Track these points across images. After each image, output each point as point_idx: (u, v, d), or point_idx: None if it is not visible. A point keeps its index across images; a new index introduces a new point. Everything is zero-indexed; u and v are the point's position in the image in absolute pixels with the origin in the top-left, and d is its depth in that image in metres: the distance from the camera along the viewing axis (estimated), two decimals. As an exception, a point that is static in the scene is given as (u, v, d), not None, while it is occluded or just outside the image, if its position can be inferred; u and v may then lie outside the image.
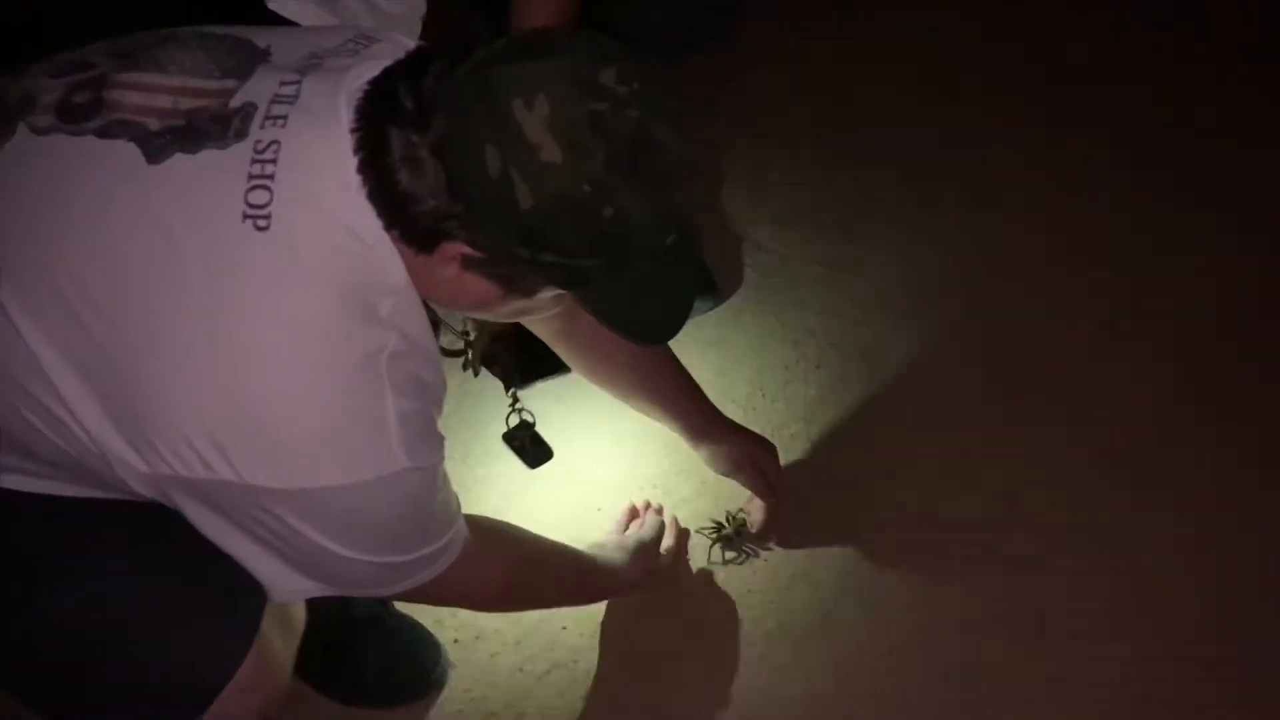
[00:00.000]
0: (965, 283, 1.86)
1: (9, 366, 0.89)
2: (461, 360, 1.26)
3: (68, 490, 0.99)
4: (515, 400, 1.52)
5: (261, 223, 0.87)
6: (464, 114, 0.85)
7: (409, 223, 0.89)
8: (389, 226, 0.89)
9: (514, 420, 1.56)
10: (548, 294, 0.96)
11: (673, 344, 1.76)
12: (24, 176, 0.92)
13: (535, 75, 0.85)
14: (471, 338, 1.25)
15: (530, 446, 1.50)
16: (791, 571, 1.50)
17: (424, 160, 0.86)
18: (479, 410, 1.67)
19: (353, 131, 0.88)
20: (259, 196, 0.87)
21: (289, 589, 0.99)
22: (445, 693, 1.41)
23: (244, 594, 0.99)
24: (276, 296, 0.87)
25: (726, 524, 1.54)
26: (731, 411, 1.69)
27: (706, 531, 1.54)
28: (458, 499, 1.05)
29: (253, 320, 0.87)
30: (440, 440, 0.98)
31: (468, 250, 0.89)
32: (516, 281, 0.94)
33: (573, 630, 1.45)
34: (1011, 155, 2.07)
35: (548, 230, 0.87)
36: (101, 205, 0.89)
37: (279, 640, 1.07)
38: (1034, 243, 1.91)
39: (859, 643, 1.42)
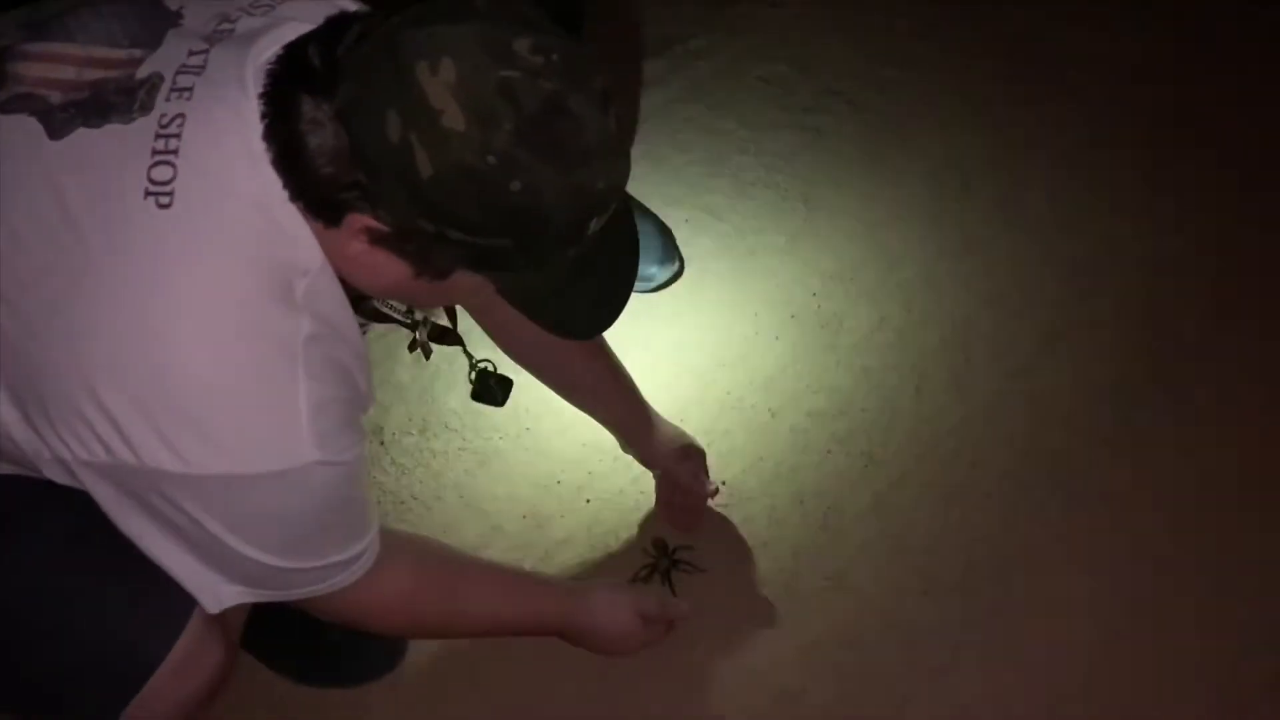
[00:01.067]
0: (927, 256, 1.85)
1: None
2: (409, 341, 1.22)
3: (3, 469, 0.97)
4: (472, 359, 1.47)
5: (164, 199, 0.84)
6: (369, 77, 0.81)
7: (313, 192, 0.85)
8: (294, 197, 0.85)
9: (473, 376, 1.50)
10: (464, 277, 0.90)
11: (631, 313, 1.77)
12: None
13: (444, 38, 0.80)
14: (419, 318, 1.21)
15: (497, 387, 1.45)
16: (751, 543, 1.50)
17: (327, 125, 0.82)
18: (435, 384, 1.65)
19: (260, 96, 0.85)
20: (162, 173, 0.84)
21: (210, 591, 0.95)
22: (407, 666, 1.39)
23: None
24: (181, 275, 0.84)
25: (655, 553, 1.50)
26: (690, 384, 1.69)
27: (642, 574, 1.48)
28: (377, 506, 1.02)
29: (157, 300, 0.83)
30: (360, 435, 0.94)
31: (372, 223, 0.84)
32: (426, 260, 0.88)
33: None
34: (976, 132, 2.07)
35: (450, 203, 0.82)
36: (1, 188, 0.86)
37: (215, 626, 1.05)
38: (996, 218, 1.91)
39: (822, 614, 1.42)
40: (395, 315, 1.14)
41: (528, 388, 1.67)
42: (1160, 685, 1.33)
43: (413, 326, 1.18)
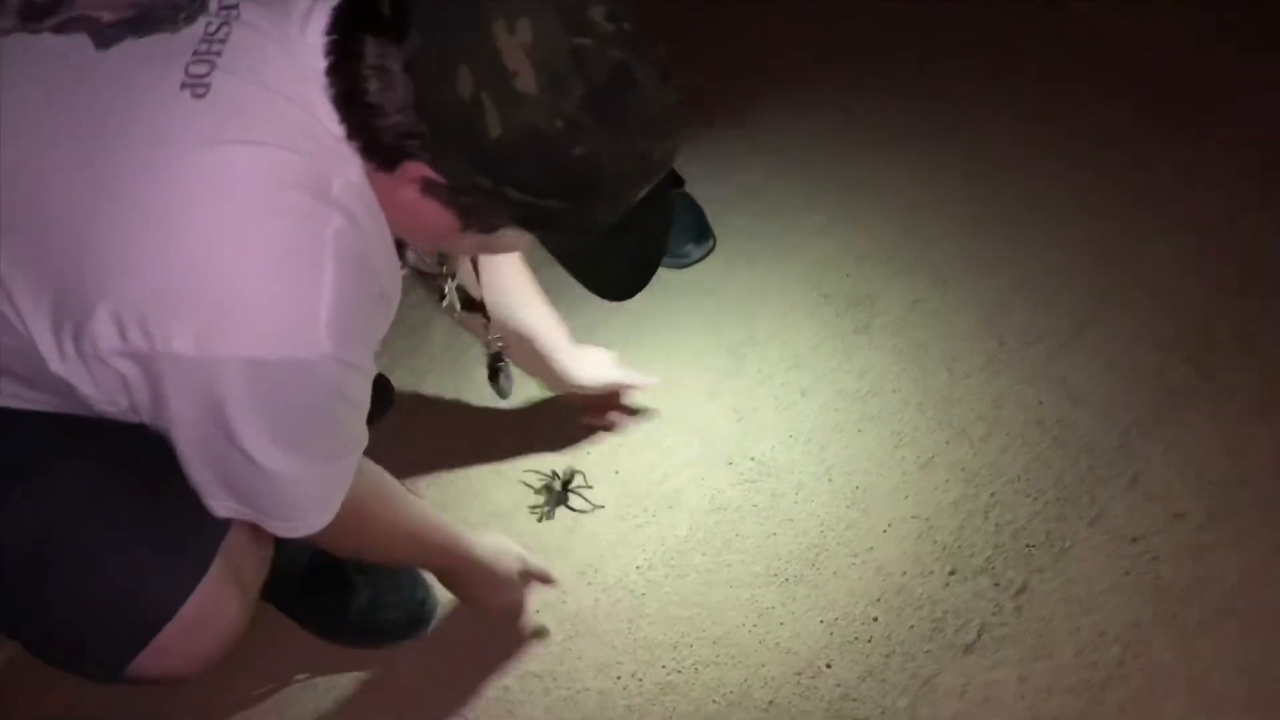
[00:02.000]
0: (962, 238, 1.84)
1: None
2: (439, 296, 1.21)
3: (34, 406, 0.98)
4: (490, 343, 1.46)
5: (199, 90, 0.85)
6: (443, 29, 0.81)
7: (373, 135, 0.85)
8: (352, 136, 0.86)
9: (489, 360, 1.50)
10: (509, 232, 0.92)
11: (665, 289, 1.78)
12: None
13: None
14: (450, 271, 1.21)
15: (505, 382, 1.45)
16: (779, 518, 1.50)
17: (395, 73, 0.82)
18: (466, 355, 1.65)
19: (327, 34, 0.86)
20: (200, 69, 0.85)
21: (211, 495, 0.95)
22: (434, 630, 1.40)
23: (198, 533, 0.98)
24: (210, 157, 0.84)
25: (554, 478, 1.53)
26: (722, 359, 1.69)
27: (541, 505, 1.52)
28: (361, 441, 1.01)
29: (182, 181, 0.84)
30: (373, 346, 0.94)
31: (429, 173, 0.86)
32: (476, 214, 0.90)
33: (560, 570, 1.44)
34: (1014, 115, 2.05)
35: (513, 163, 0.83)
36: (47, 98, 0.87)
37: (232, 585, 1.06)
38: (1033, 202, 1.90)
39: (848, 589, 1.42)
40: (427, 269, 1.14)
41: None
42: (1190, 676, 1.31)
43: (445, 278, 1.18)
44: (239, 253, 0.83)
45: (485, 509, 1.53)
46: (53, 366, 0.87)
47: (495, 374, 1.42)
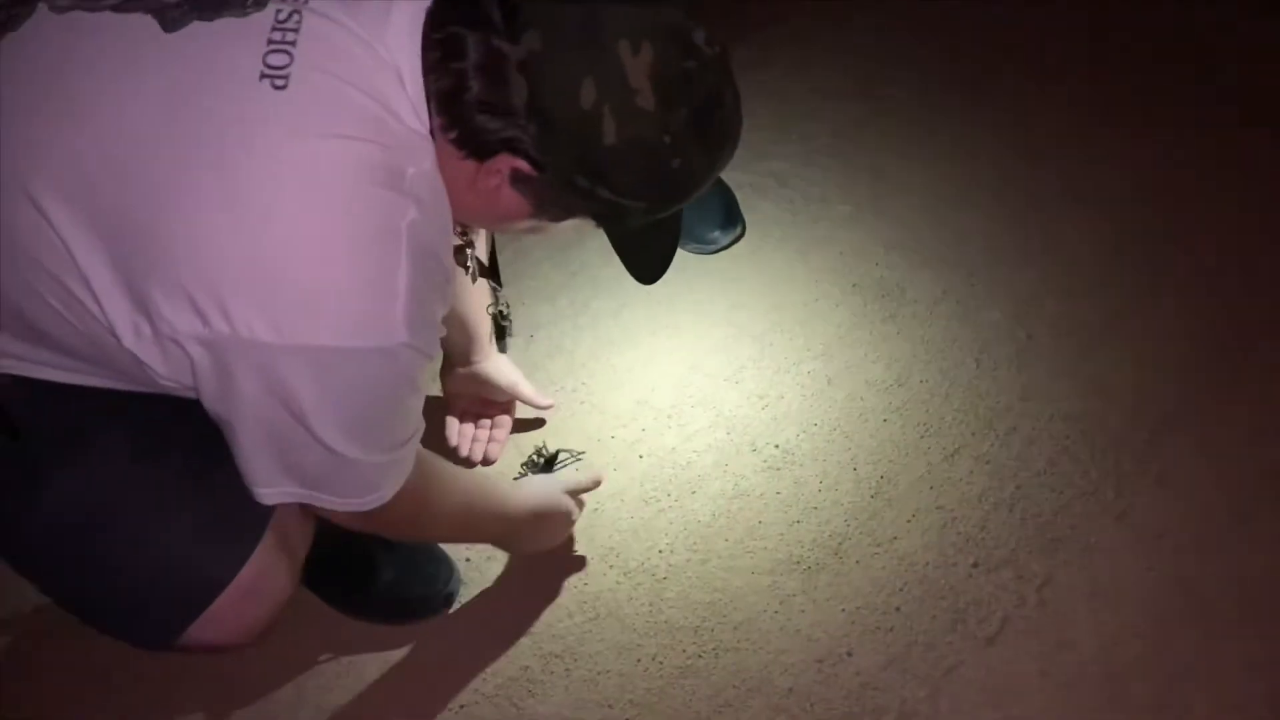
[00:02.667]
0: (993, 231, 1.83)
1: (29, 247, 0.88)
2: (463, 260, 1.21)
3: (94, 382, 0.99)
4: (496, 300, 1.49)
5: (279, 82, 0.86)
6: (565, 40, 0.86)
7: (474, 129, 0.89)
8: (449, 127, 0.89)
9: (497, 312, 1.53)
10: (573, 222, 0.98)
11: (692, 275, 1.78)
12: (42, 54, 0.90)
13: (643, 22, 0.87)
14: (471, 238, 1.22)
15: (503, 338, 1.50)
16: (802, 506, 1.50)
17: (508, 73, 0.86)
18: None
19: (428, 31, 0.89)
20: (278, 59, 0.87)
21: (265, 483, 0.96)
22: (456, 609, 1.41)
23: (251, 503, 0.99)
24: (292, 150, 0.86)
25: (538, 458, 1.54)
26: (746, 347, 1.69)
27: (522, 467, 1.55)
28: (421, 424, 1.02)
29: (266, 173, 0.85)
30: (438, 331, 0.96)
31: (524, 167, 0.90)
32: (555, 206, 0.95)
33: (583, 552, 1.45)
34: (1048, 108, 2.04)
35: (618, 169, 0.90)
36: (117, 77, 0.88)
37: (283, 554, 1.08)
38: (1065, 195, 1.89)
39: (870, 578, 1.41)
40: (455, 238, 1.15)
41: (585, 343, 1.69)
42: (1212, 673, 1.31)
43: (467, 245, 1.20)
44: (322, 244, 0.85)
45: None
46: (126, 343, 0.88)
47: (501, 332, 1.48)
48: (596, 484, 1.43)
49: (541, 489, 1.36)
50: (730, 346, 1.70)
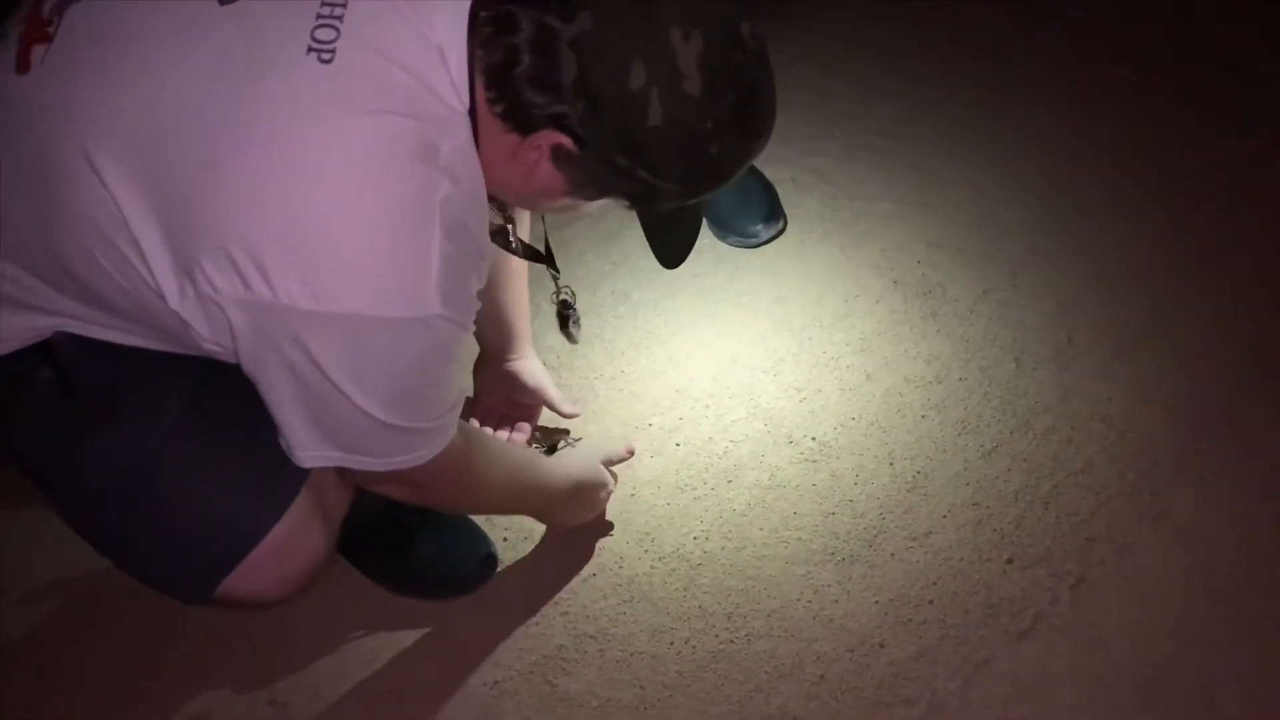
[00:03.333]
0: (1037, 231, 1.83)
1: (85, 207, 0.92)
2: (506, 241, 1.22)
3: (144, 343, 1.03)
4: (557, 287, 1.47)
5: (326, 56, 0.89)
6: (618, 23, 0.88)
7: (521, 104, 0.91)
8: (496, 100, 0.92)
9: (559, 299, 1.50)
10: (606, 202, 1.01)
11: (733, 267, 1.79)
12: (105, 21, 0.94)
13: (694, 11, 0.90)
14: (512, 215, 1.23)
15: (575, 327, 1.49)
16: (838, 498, 1.50)
17: (559, 49, 0.88)
18: (535, 322, 1.68)
19: (479, 8, 0.91)
20: (325, 34, 0.89)
21: (304, 446, 0.98)
22: (492, 587, 1.42)
23: (287, 463, 1.01)
24: (336, 123, 0.88)
25: (537, 445, 1.55)
26: (786, 340, 1.70)
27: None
28: (463, 392, 1.05)
29: (309, 144, 0.88)
30: (474, 304, 0.98)
31: (567, 143, 0.92)
32: (592, 184, 0.98)
33: (619, 537, 1.47)
34: (1095, 110, 2.03)
35: (658, 151, 0.92)
36: (170, 45, 0.91)
37: (317, 514, 1.11)
38: (1110, 198, 1.88)
39: (904, 571, 1.42)
40: (498, 220, 1.17)
41: (625, 332, 1.71)
42: (1246, 677, 1.30)
43: (507, 222, 1.20)
44: (361, 215, 0.88)
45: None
46: (171, 304, 0.92)
47: (565, 321, 1.46)
48: (630, 454, 1.47)
49: (580, 461, 1.38)
50: (769, 339, 1.71)
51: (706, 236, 1.85)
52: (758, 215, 1.85)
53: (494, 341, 1.51)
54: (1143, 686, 1.31)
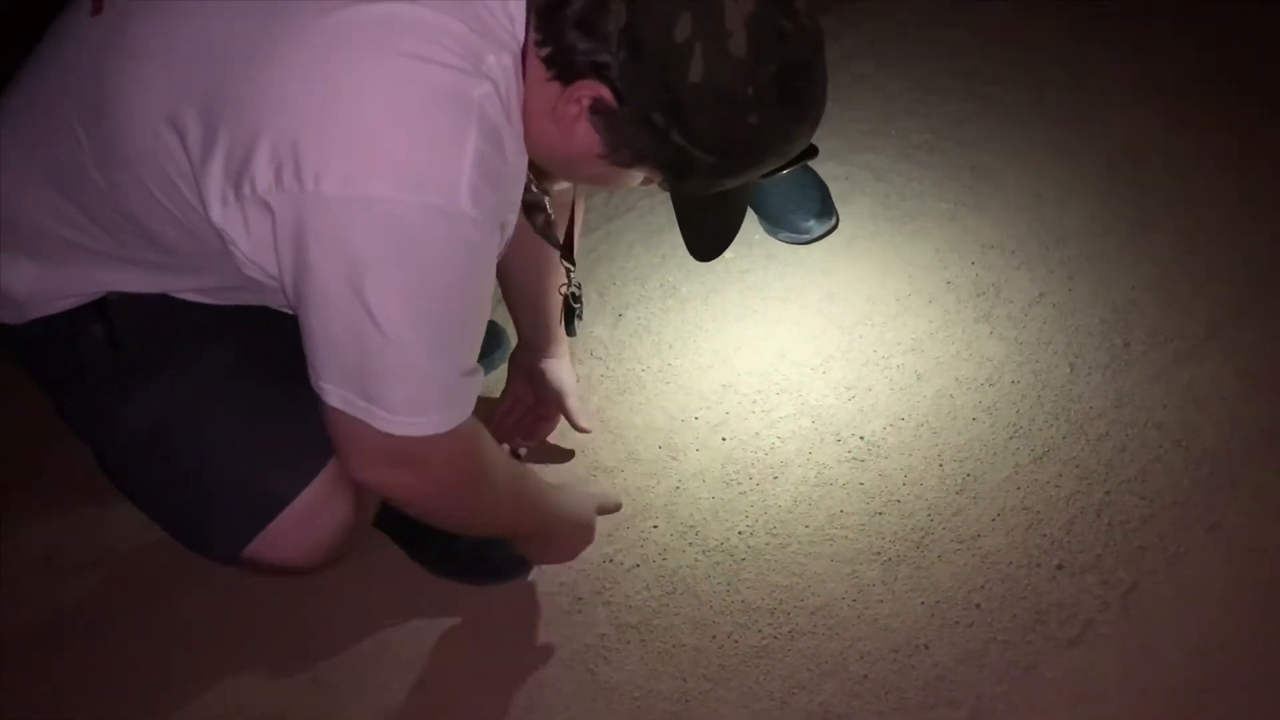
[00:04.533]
0: (1094, 235, 1.80)
1: (143, 142, 0.94)
2: (538, 220, 1.21)
3: (190, 288, 1.05)
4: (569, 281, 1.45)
5: None
6: None
7: (566, 47, 0.90)
8: (542, 43, 0.91)
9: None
10: (639, 171, 0.98)
11: (784, 263, 1.78)
12: None
13: None
14: (547, 190, 1.22)
15: (575, 319, 1.45)
16: (885, 498, 1.49)
17: None
18: (584, 312, 1.68)
19: None
20: None
21: (326, 377, 0.95)
22: (536, 575, 1.43)
23: (321, 430, 1.00)
24: (381, 9, 0.88)
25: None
26: (836, 338, 1.68)
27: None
28: (479, 370, 1.01)
29: (351, 35, 0.87)
30: (505, 226, 0.96)
31: (606, 95, 0.91)
32: (626, 146, 0.95)
33: (663, 529, 1.47)
34: (1157, 114, 2.00)
35: (695, 111, 0.90)
36: None
37: (345, 482, 1.10)
38: (1169, 203, 1.85)
39: (952, 574, 1.40)
40: (535, 194, 1.16)
41: (673, 325, 1.71)
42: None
43: (544, 195, 1.19)
44: (392, 98, 0.87)
45: (591, 464, 1.55)
46: (214, 216, 0.91)
47: (570, 314, 1.44)
48: (619, 507, 1.41)
49: (578, 500, 1.34)
50: (819, 336, 1.69)
51: (757, 232, 1.85)
52: (810, 211, 1.83)
53: (530, 333, 1.51)
54: (1194, 698, 1.28)
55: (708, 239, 1.08)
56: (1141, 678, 1.30)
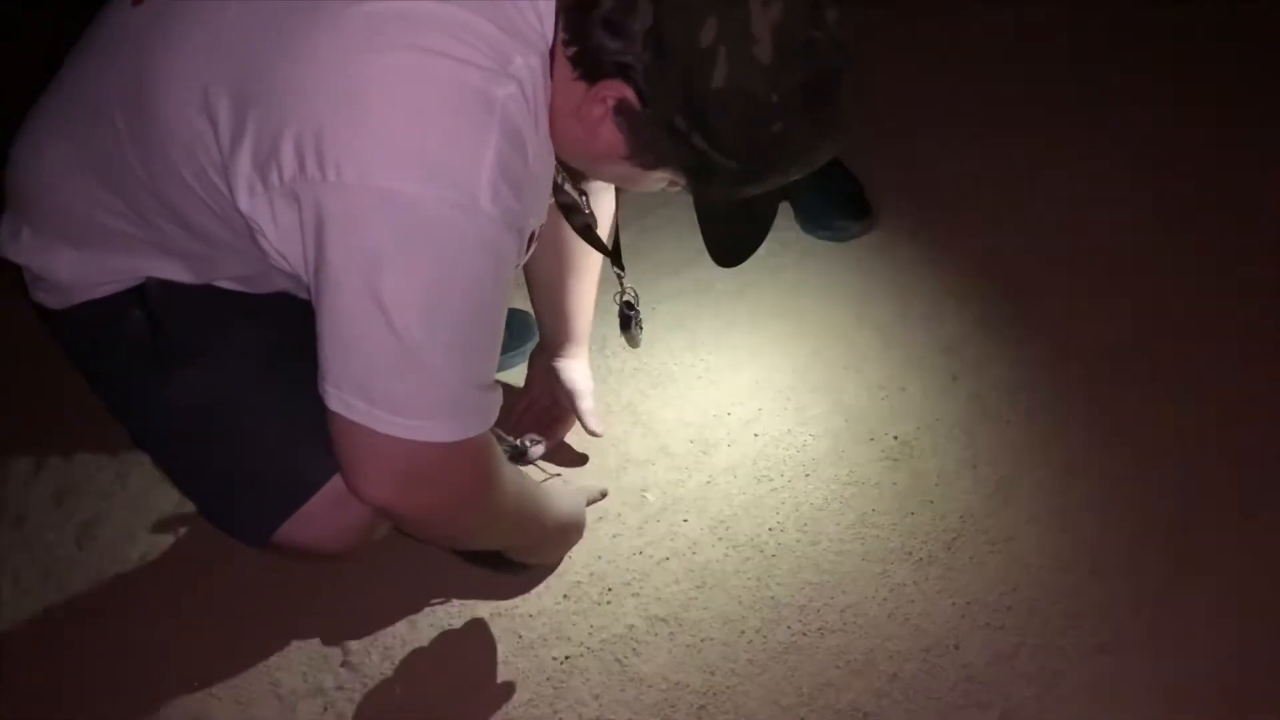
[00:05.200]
0: (1129, 236, 1.79)
1: (179, 130, 0.95)
2: (579, 223, 1.20)
3: (222, 275, 1.08)
4: (621, 287, 1.42)
5: None
6: None
7: (592, 47, 0.90)
8: (569, 42, 0.91)
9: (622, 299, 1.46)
10: (663, 174, 0.98)
11: (820, 262, 1.78)
12: None
13: None
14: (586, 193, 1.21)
15: (637, 329, 1.44)
16: (918, 498, 1.48)
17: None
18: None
19: None
20: None
21: (333, 380, 0.94)
22: (566, 565, 1.43)
23: None
24: (409, 5, 0.88)
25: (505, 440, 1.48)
26: (870, 337, 1.68)
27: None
28: (498, 388, 1.01)
29: (375, 22, 0.88)
30: (524, 230, 0.95)
31: (630, 97, 0.91)
32: (649, 149, 0.95)
33: (694, 523, 1.47)
34: (1193, 119, 1.99)
35: (718, 116, 0.90)
36: None
37: None
38: (1209, 208, 1.84)
39: (983, 576, 1.40)
40: (571, 194, 1.16)
41: (707, 321, 1.71)
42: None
43: (579, 205, 1.18)
44: (416, 93, 0.87)
45: (623, 457, 1.55)
46: (242, 204, 0.92)
47: (627, 322, 1.43)
48: (604, 495, 1.46)
49: (570, 502, 1.37)
50: (853, 335, 1.69)
51: (793, 229, 1.85)
52: (846, 210, 1.83)
53: (551, 332, 1.51)
54: (1227, 707, 1.27)
55: (729, 245, 1.08)
56: (1174, 685, 1.29)
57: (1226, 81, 2.07)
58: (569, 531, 1.39)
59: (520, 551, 1.36)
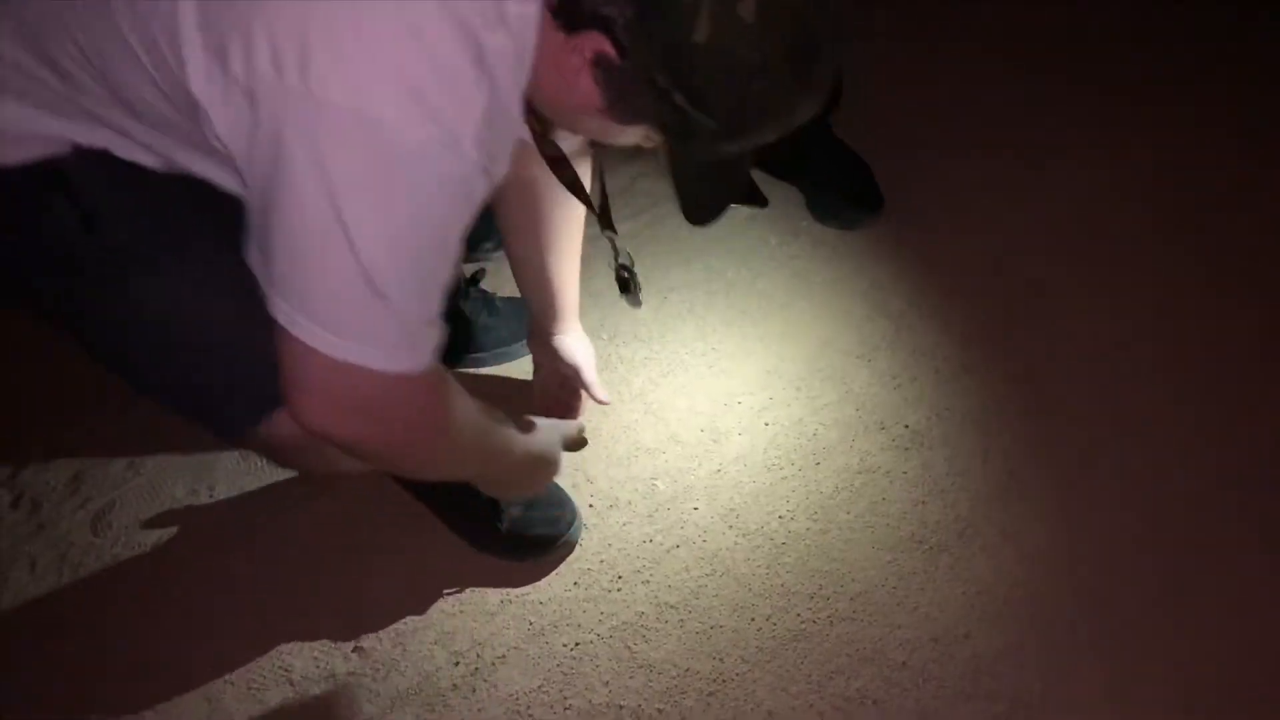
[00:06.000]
0: (1144, 232, 1.78)
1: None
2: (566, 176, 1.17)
3: (146, 151, 1.02)
4: (615, 253, 1.37)
5: None
6: None
7: None
8: None
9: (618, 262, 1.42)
10: (638, 130, 0.96)
11: (832, 251, 1.77)
12: None
13: None
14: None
15: (635, 290, 1.40)
16: (929, 488, 1.48)
17: None
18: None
19: None
20: None
21: (278, 290, 0.91)
22: (576, 552, 1.43)
23: None
24: None
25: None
26: (882, 326, 1.67)
27: None
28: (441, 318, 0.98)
29: None
30: (496, 173, 0.94)
31: (609, 50, 0.89)
32: (627, 104, 0.93)
33: (704, 511, 1.47)
34: (1210, 115, 1.97)
35: (699, 73, 0.88)
36: None
37: None
38: (1223, 207, 1.83)
39: (993, 567, 1.40)
40: (557, 146, 1.13)
41: (718, 309, 1.70)
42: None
43: (565, 158, 1.15)
44: (417, 27, 0.85)
45: (633, 444, 1.56)
46: (194, 87, 0.89)
47: (625, 285, 1.40)
48: (584, 442, 1.40)
49: (544, 436, 1.32)
50: (865, 325, 1.69)
51: (804, 219, 1.84)
52: (859, 200, 1.83)
53: (540, 310, 1.50)
54: (1239, 704, 1.27)
55: (703, 202, 1.06)
56: (1186, 680, 1.29)
57: (1235, 81, 2.05)
58: (538, 468, 1.33)
59: (489, 487, 1.33)
